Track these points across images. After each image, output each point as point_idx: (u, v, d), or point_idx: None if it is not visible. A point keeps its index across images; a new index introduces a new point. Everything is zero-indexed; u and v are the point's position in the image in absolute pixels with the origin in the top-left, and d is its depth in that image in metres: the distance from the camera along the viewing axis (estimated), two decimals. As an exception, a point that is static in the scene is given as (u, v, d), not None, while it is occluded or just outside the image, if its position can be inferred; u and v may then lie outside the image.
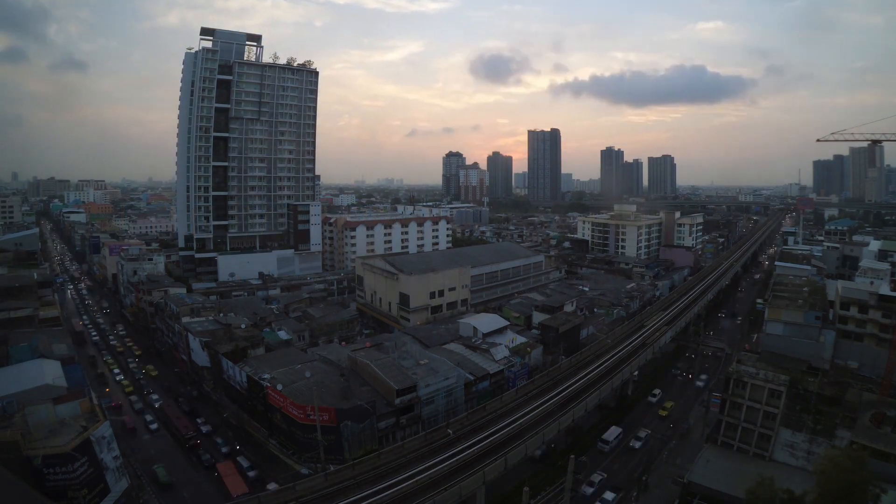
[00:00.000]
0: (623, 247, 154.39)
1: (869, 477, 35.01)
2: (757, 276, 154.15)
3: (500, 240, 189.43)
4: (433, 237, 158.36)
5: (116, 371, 79.55)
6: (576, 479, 38.85)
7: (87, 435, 41.18)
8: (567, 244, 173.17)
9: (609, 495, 48.23)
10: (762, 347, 62.80)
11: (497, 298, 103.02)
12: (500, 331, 72.85)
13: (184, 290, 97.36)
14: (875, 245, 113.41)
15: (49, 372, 50.48)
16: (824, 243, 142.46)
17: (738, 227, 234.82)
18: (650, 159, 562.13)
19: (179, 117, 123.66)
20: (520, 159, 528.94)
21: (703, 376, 77.59)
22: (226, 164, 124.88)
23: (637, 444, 58.62)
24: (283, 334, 74.34)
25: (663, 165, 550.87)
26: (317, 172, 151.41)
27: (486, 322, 74.30)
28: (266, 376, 56.42)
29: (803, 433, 47.45)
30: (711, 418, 57.06)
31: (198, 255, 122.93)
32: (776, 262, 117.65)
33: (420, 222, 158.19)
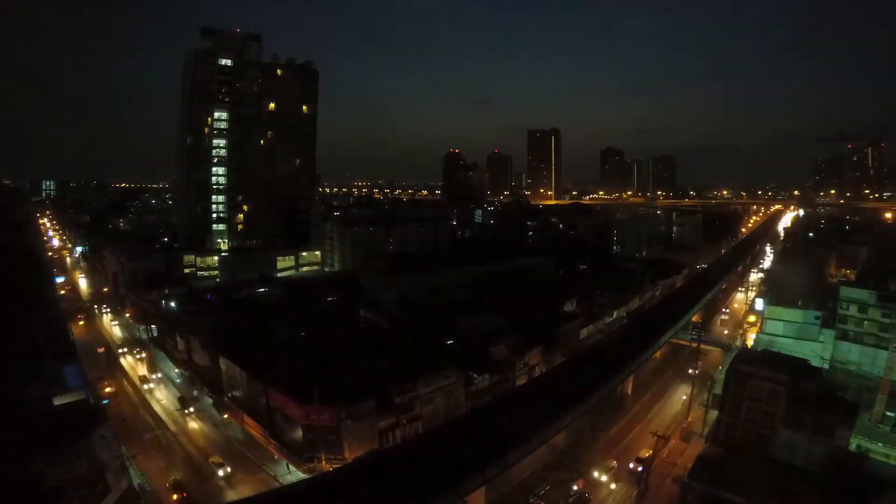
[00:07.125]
0: (623, 247, 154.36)
1: (869, 477, 35.10)
2: (756, 276, 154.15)
3: (500, 240, 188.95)
4: (433, 237, 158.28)
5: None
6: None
7: (88, 434, 41.21)
8: (567, 244, 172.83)
9: None
10: (761, 347, 62.83)
11: (497, 299, 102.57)
12: (499, 331, 72.77)
13: (184, 290, 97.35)
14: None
15: (49, 371, 50.56)
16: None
17: (738, 226, 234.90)
18: (650, 159, 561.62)
19: (179, 117, 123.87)
20: (520, 159, 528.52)
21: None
22: (226, 164, 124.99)
23: None
24: (282, 334, 74.00)
25: (663, 165, 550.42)
26: (317, 172, 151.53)
27: (486, 322, 74.20)
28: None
29: (803, 433, 47.47)
30: (711, 418, 57.11)
31: (198, 255, 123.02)
32: (776, 262, 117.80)
33: (420, 222, 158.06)
